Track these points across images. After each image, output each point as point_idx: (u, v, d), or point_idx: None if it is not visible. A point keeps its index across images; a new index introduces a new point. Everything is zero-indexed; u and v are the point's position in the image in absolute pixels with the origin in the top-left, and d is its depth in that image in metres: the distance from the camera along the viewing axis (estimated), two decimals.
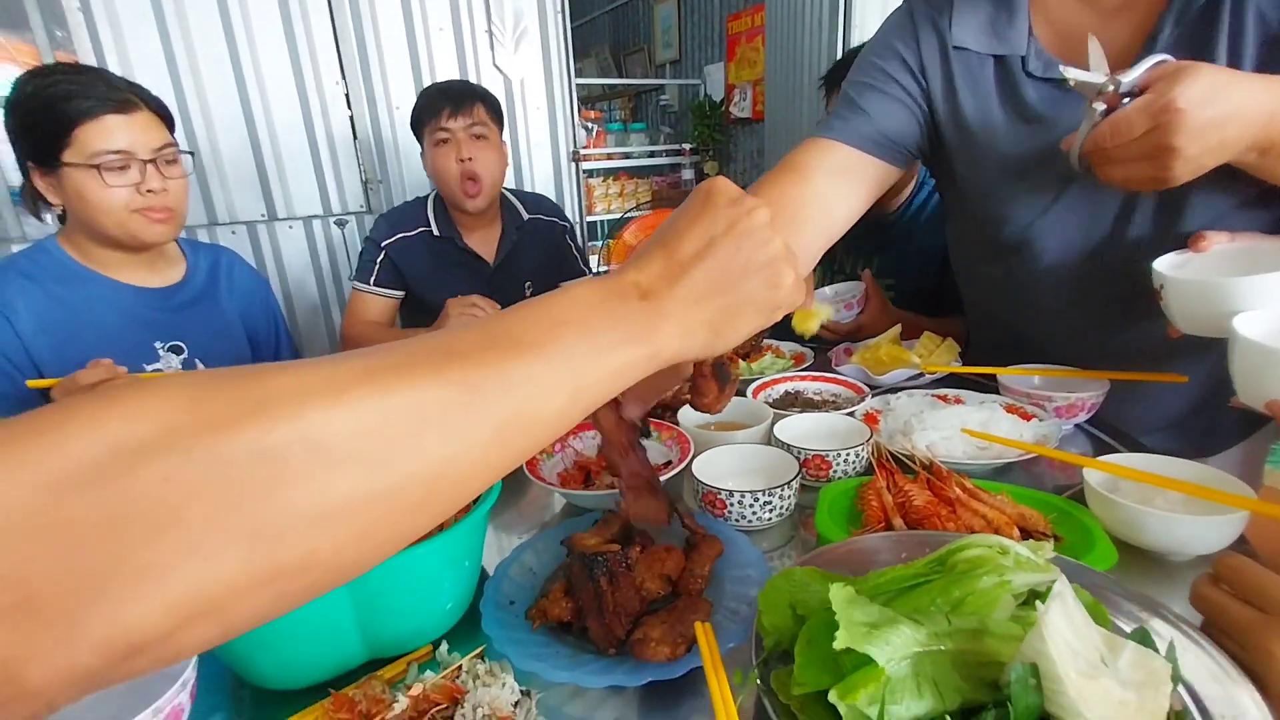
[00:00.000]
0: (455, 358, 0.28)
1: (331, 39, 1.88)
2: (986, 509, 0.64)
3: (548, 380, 0.31)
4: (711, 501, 0.69)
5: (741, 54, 4.12)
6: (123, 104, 1.00)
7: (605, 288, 0.36)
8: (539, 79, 2.18)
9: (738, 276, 0.38)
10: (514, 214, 1.60)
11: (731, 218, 0.39)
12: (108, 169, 0.99)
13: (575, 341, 0.32)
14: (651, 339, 0.35)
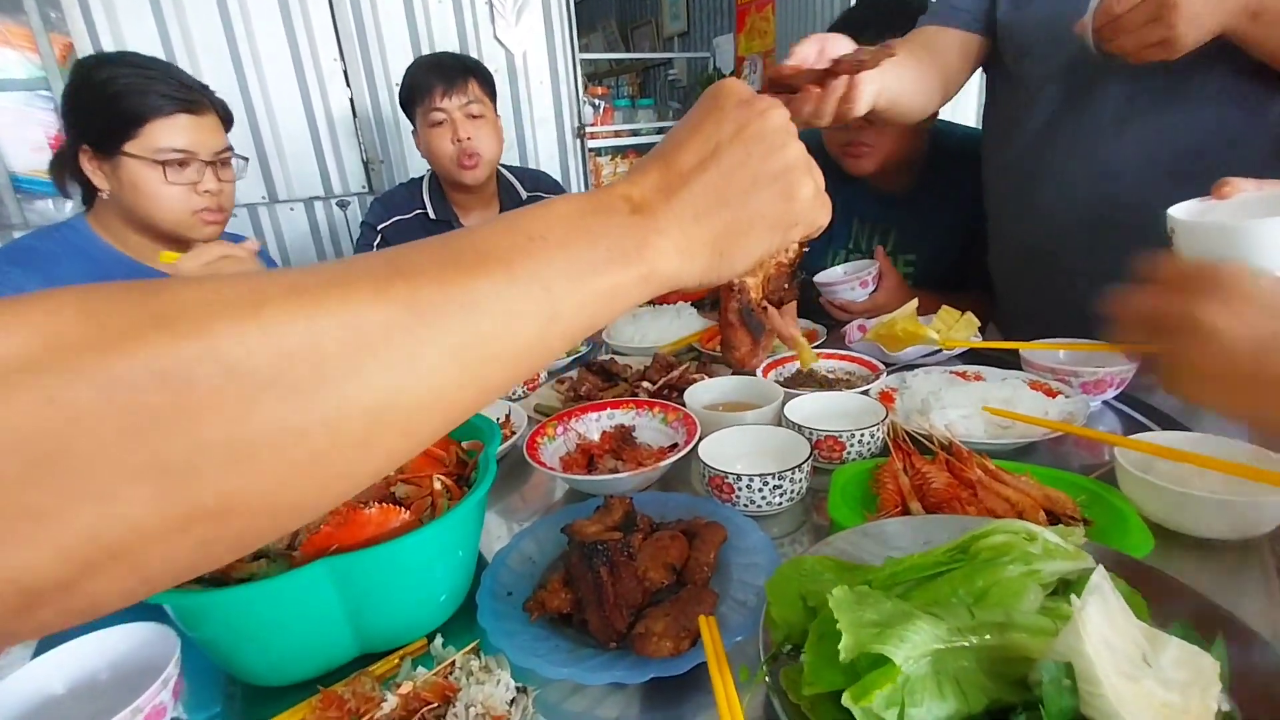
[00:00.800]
0: (404, 275, 0.25)
1: (329, 16, 1.83)
2: (1010, 491, 0.61)
3: (518, 302, 0.27)
4: (719, 486, 0.66)
5: (752, 24, 4.01)
6: (195, 104, 1.03)
7: (591, 201, 0.32)
8: (542, 52, 2.12)
9: (746, 187, 0.34)
10: (512, 192, 1.56)
11: (741, 120, 0.35)
12: (170, 166, 1.01)
13: (552, 259, 0.28)
14: (643, 257, 0.31)
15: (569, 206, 0.31)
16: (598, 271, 0.30)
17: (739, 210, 0.34)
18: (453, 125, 1.36)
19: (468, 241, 0.27)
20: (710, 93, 0.36)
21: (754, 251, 0.35)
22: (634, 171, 0.34)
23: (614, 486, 0.71)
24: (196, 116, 1.02)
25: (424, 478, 0.58)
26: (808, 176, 0.36)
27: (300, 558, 0.47)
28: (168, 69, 1.03)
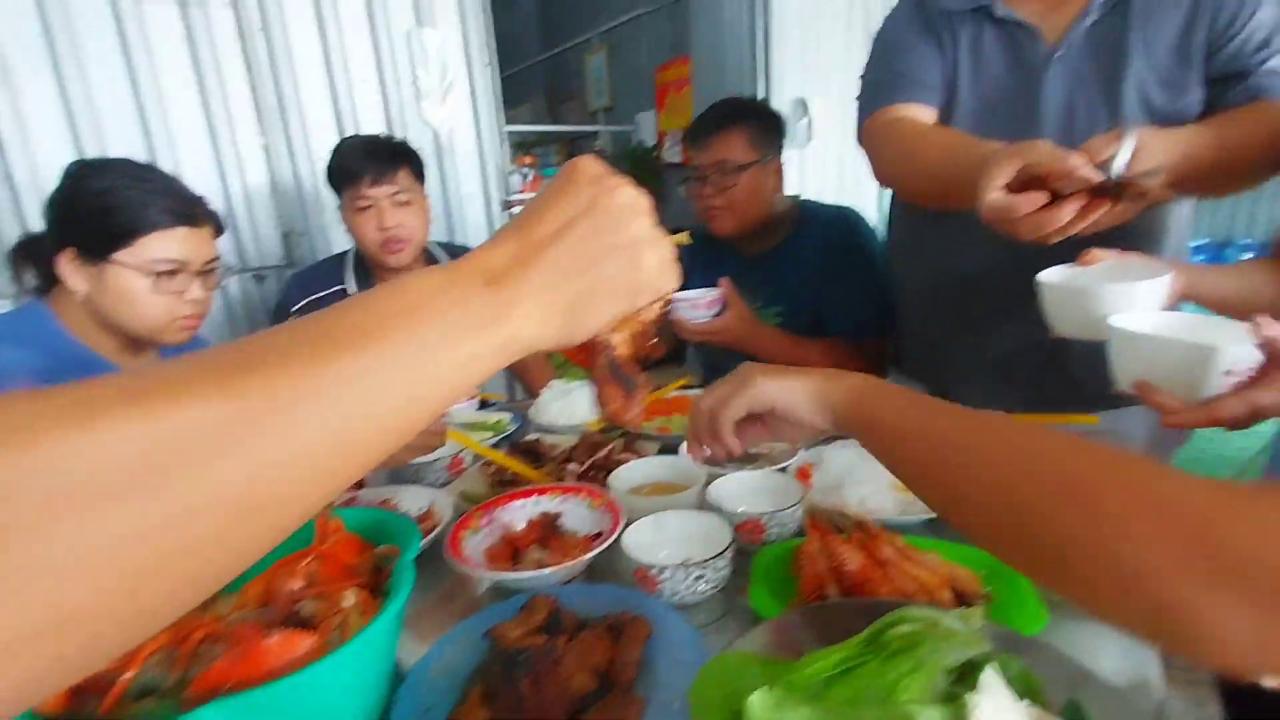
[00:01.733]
0: (256, 367, 0.25)
1: (248, 92, 1.81)
2: (919, 570, 0.63)
3: (376, 380, 0.27)
4: (643, 578, 0.66)
5: (671, 103, 4.25)
6: (193, 217, 1.02)
7: (449, 274, 0.33)
8: (469, 130, 2.17)
9: (596, 257, 0.37)
10: (438, 262, 1.56)
11: (592, 195, 0.37)
12: (162, 276, 0.99)
13: (410, 333, 0.29)
14: (500, 326, 0.33)
15: (428, 281, 0.32)
16: (461, 339, 0.31)
17: (589, 279, 0.36)
18: (379, 212, 1.36)
19: (326, 323, 0.28)
20: (566, 169, 0.39)
21: (603, 315, 0.38)
22: (490, 244, 0.36)
23: (539, 582, 0.70)
24: (195, 229, 1.02)
25: (334, 591, 0.55)
26: (652, 249, 0.39)
27: (191, 697, 0.44)
28: (166, 180, 1.03)
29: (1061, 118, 0.95)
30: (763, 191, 1.41)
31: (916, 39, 1.01)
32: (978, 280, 1.04)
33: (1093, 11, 0.91)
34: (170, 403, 0.22)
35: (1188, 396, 0.61)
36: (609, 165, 0.39)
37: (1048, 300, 0.77)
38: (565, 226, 0.36)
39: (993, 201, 0.68)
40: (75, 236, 0.98)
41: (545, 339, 0.36)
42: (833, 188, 2.99)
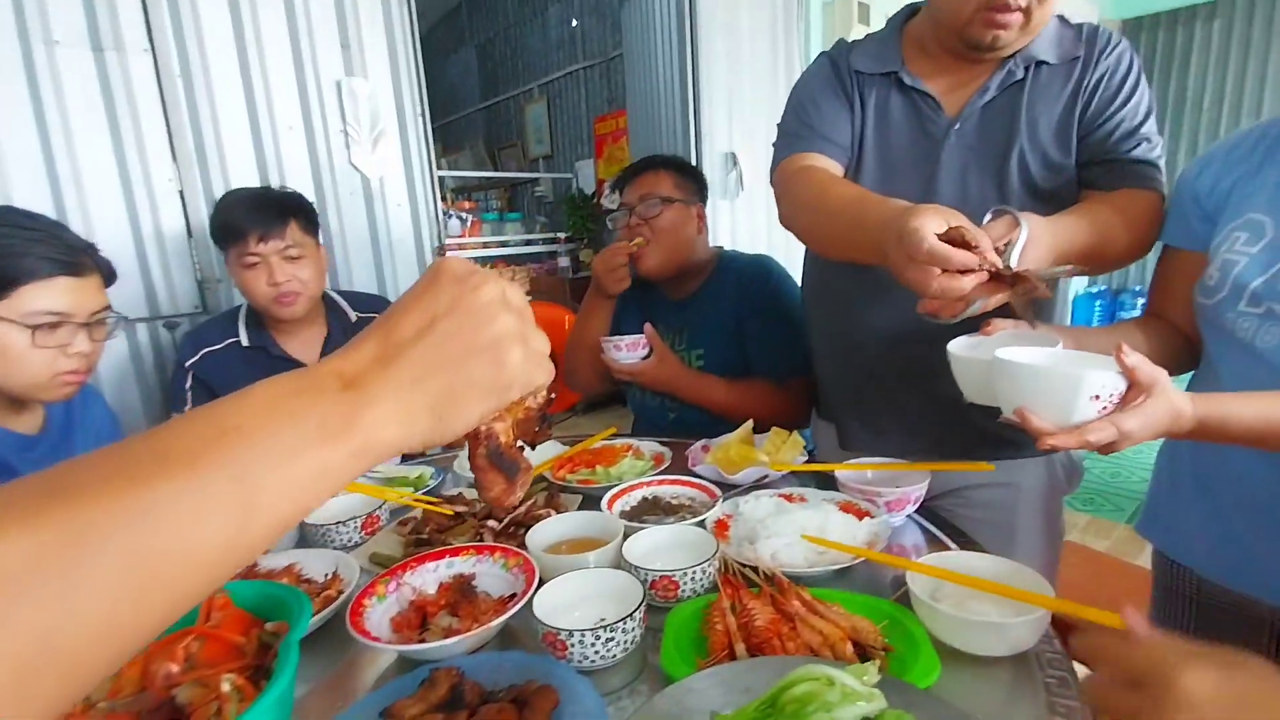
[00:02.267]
0: (61, 496, 0.23)
1: (165, 136, 1.76)
2: (823, 624, 0.65)
3: (202, 502, 0.26)
4: (552, 643, 0.65)
5: (609, 152, 4.36)
6: (78, 266, 0.96)
7: (297, 381, 0.32)
8: (399, 176, 2.16)
9: (459, 355, 0.36)
10: (340, 315, 1.53)
11: (456, 294, 0.37)
12: (41, 329, 0.92)
13: (249, 447, 0.28)
14: (353, 433, 0.32)
15: (272, 390, 0.31)
16: (302, 453, 0.29)
17: (453, 376, 0.36)
18: (269, 268, 1.32)
19: (147, 445, 0.26)
20: (431, 270, 0.39)
21: (471, 413, 0.37)
22: (350, 345, 0.36)
23: (446, 652, 0.68)
24: (78, 279, 0.96)
25: (214, 675, 0.52)
26: (517, 345, 0.38)
27: None
28: (53, 228, 0.97)
29: (957, 187, 1.02)
30: (685, 230, 1.49)
31: (829, 96, 1.07)
32: (881, 332, 1.10)
33: (990, 90, 0.99)
34: None
35: (1061, 421, 0.66)
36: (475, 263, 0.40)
37: (958, 371, 0.81)
38: (427, 326, 0.36)
39: (932, 247, 0.68)
40: None
41: (411, 439, 0.35)
42: (763, 237, 3.11)
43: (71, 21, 1.65)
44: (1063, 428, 0.65)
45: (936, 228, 0.70)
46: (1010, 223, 0.80)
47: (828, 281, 1.19)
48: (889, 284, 1.03)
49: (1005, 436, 1.04)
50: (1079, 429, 0.65)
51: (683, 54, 2.73)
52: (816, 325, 1.27)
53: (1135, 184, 0.95)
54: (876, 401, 1.14)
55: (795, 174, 1.00)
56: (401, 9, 2.07)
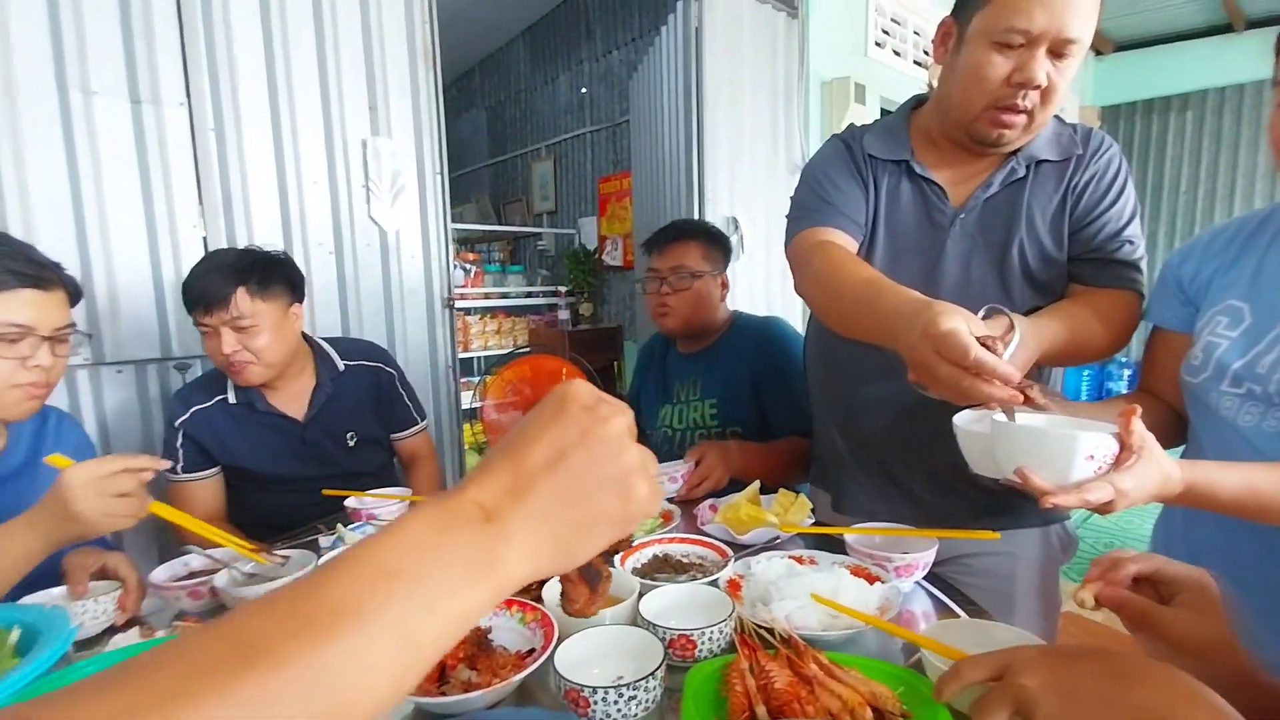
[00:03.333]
0: (249, 657, 0.24)
1: (194, 186, 1.82)
2: (842, 688, 0.66)
3: (372, 654, 0.27)
4: (575, 700, 0.66)
5: (612, 211, 4.50)
6: (43, 281, 0.98)
7: (444, 515, 0.33)
8: (415, 230, 2.23)
9: (590, 489, 0.36)
10: (329, 364, 1.55)
11: (585, 425, 0.37)
12: (2, 341, 0.94)
13: (408, 595, 0.28)
14: (495, 571, 0.32)
15: (422, 524, 0.32)
16: (453, 596, 0.30)
17: (583, 510, 0.36)
18: (218, 337, 1.33)
19: (315, 594, 0.27)
20: (558, 395, 0.39)
21: (596, 546, 0.37)
22: (484, 471, 0.36)
23: (466, 706, 0.68)
24: (42, 292, 0.98)
25: None
26: (644, 478, 0.38)
27: None
28: (19, 245, 0.99)
29: (961, 271, 1.08)
30: (710, 299, 1.62)
31: (846, 175, 1.12)
32: (883, 406, 1.14)
33: (993, 185, 1.06)
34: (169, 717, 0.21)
35: (1059, 480, 0.70)
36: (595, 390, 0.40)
37: (964, 443, 0.84)
38: (558, 457, 0.36)
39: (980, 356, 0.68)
40: None
41: (539, 572, 0.35)
42: (762, 297, 3.19)
43: (111, 73, 1.74)
44: (1061, 487, 0.69)
45: (974, 330, 0.71)
46: (1006, 323, 0.85)
47: (831, 353, 1.23)
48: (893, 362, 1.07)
49: (1001, 507, 1.08)
50: (1078, 488, 0.68)
51: (688, 123, 2.87)
52: (817, 392, 1.31)
53: (1116, 284, 1.02)
54: (875, 471, 1.17)
55: (812, 248, 1.04)
56: (427, 74, 2.18)
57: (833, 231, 1.07)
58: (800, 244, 1.09)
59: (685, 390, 1.67)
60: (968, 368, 0.69)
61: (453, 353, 2.38)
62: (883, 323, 0.83)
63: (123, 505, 0.87)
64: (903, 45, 3.71)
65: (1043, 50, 0.92)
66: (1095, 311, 0.99)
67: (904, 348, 0.77)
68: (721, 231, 1.72)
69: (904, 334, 0.76)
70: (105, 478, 0.85)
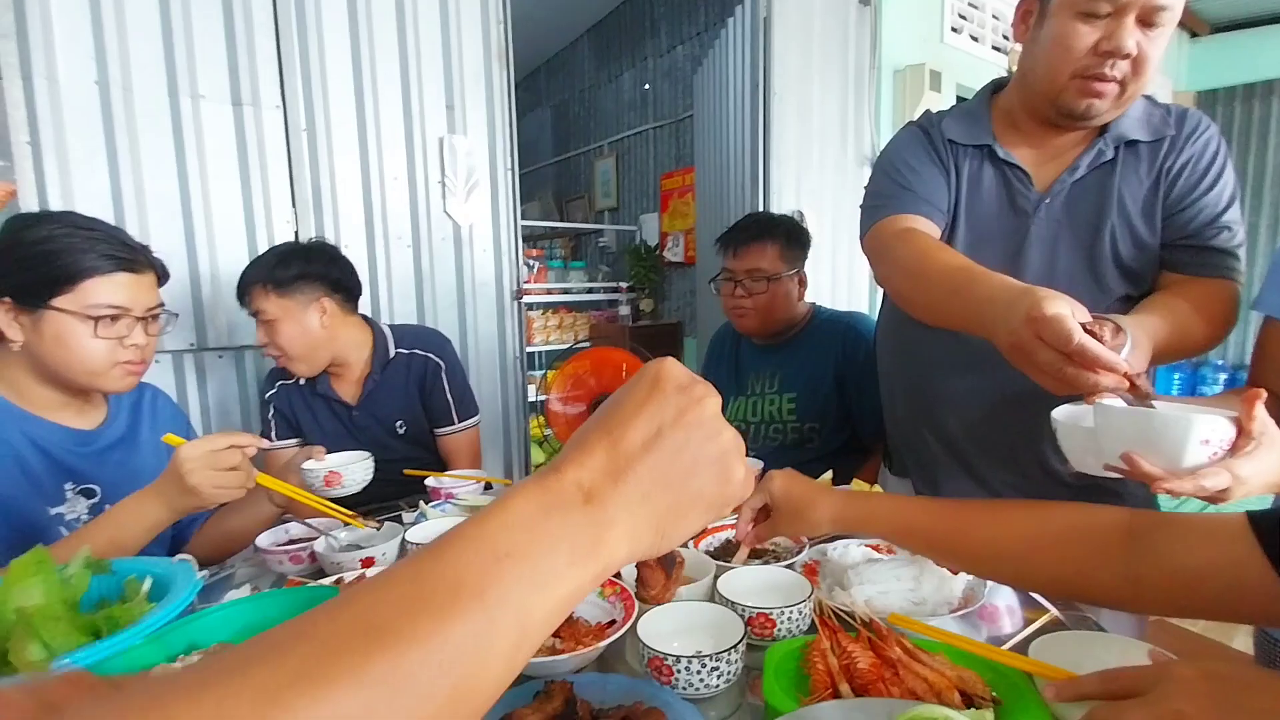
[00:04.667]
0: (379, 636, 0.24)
1: (287, 183, 1.94)
2: (928, 671, 0.65)
3: (493, 634, 0.27)
4: (658, 668, 0.68)
5: (674, 207, 4.51)
6: (135, 264, 1.05)
7: (545, 495, 0.32)
8: (486, 224, 2.30)
9: (687, 471, 0.35)
10: (382, 351, 1.60)
11: (681, 405, 0.36)
12: (102, 321, 1.01)
13: (520, 578, 0.29)
14: (598, 554, 0.32)
15: (527, 506, 0.31)
16: (561, 580, 0.30)
17: (681, 492, 0.35)
18: (258, 328, 1.49)
19: (436, 571, 0.28)
20: (651, 373, 0.38)
21: (692, 529, 0.37)
22: (581, 450, 0.35)
23: (552, 668, 0.71)
24: (136, 275, 1.05)
25: None
26: (740, 460, 0.38)
27: None
28: (111, 230, 1.06)
29: (1046, 260, 1.03)
30: (788, 299, 1.61)
31: (926, 162, 1.09)
32: (964, 401, 1.10)
33: (1080, 169, 1.01)
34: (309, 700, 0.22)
35: (1170, 466, 0.66)
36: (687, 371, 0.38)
37: (1064, 438, 0.80)
38: (655, 437, 0.35)
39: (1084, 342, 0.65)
40: (11, 286, 0.99)
41: (637, 554, 0.35)
42: (827, 293, 3.14)
43: (216, 78, 1.87)
44: (1174, 472, 0.66)
45: (1079, 317, 0.68)
46: (1112, 328, 0.79)
47: (908, 344, 1.20)
48: (975, 356, 1.04)
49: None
50: (1193, 474, 0.65)
51: (754, 115, 2.85)
52: (892, 386, 1.28)
53: (1214, 273, 0.96)
54: (954, 465, 1.14)
55: (895, 236, 1.02)
56: (501, 74, 2.25)
57: (915, 219, 1.04)
58: (880, 233, 1.06)
59: (760, 383, 1.66)
60: (1071, 354, 0.66)
61: (521, 345, 2.45)
62: (976, 310, 0.80)
63: (231, 478, 0.95)
64: (981, 30, 3.56)
65: (1131, 18, 0.88)
66: (1193, 304, 0.93)
67: (1002, 334, 0.74)
68: (800, 226, 1.70)
69: (1002, 320, 0.73)
70: (214, 453, 0.94)
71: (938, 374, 1.14)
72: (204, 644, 0.70)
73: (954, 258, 0.94)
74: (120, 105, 1.76)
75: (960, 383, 1.11)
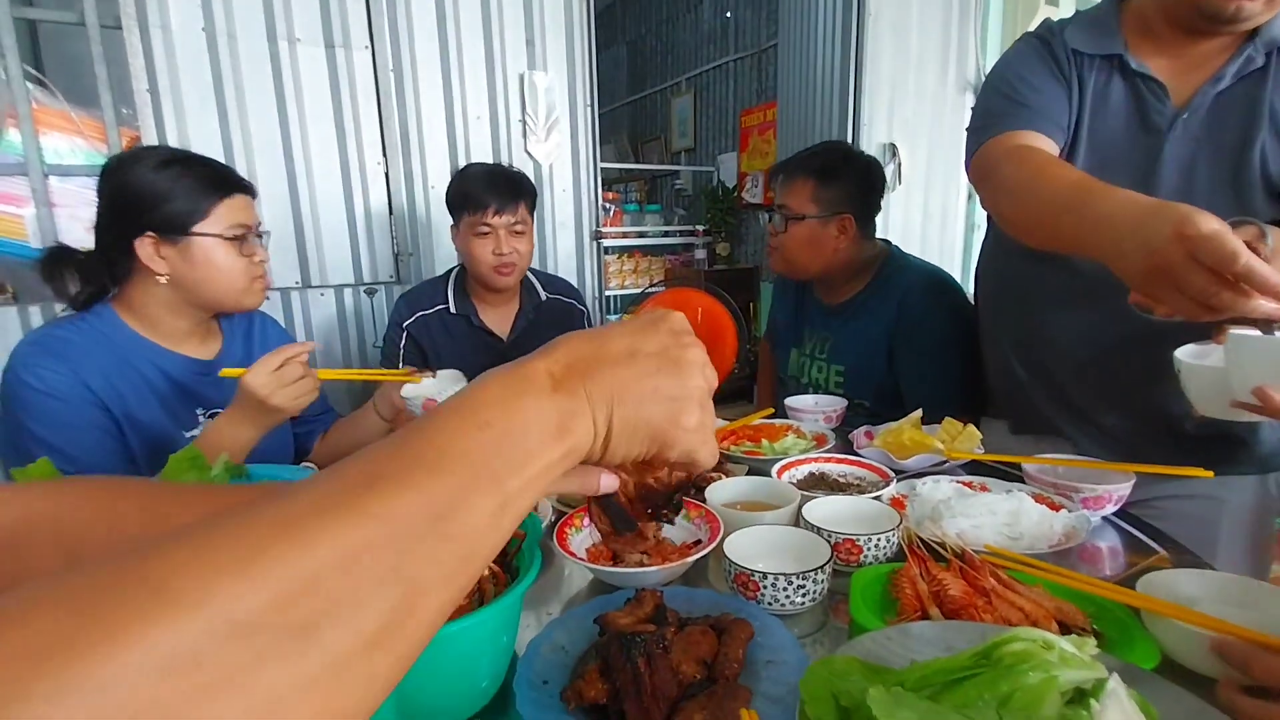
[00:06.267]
0: (376, 486, 0.27)
1: (377, 124, 2.01)
2: (1024, 601, 0.64)
3: (475, 489, 0.29)
4: (744, 583, 0.69)
5: (754, 145, 4.34)
6: (245, 186, 1.13)
7: (519, 380, 0.34)
8: (566, 164, 2.30)
9: (645, 395, 0.38)
10: (533, 293, 1.66)
11: (664, 343, 0.39)
12: (241, 240, 1.10)
13: (498, 447, 0.31)
14: (564, 437, 0.34)
15: (498, 386, 0.34)
16: (535, 454, 0.32)
17: (635, 411, 0.37)
18: (496, 239, 1.47)
19: (427, 437, 0.30)
20: (652, 315, 0.41)
21: (632, 450, 0.39)
22: (560, 347, 0.38)
23: (641, 580, 0.74)
24: (247, 196, 1.13)
25: None
26: (698, 409, 0.40)
27: None
28: (209, 159, 1.13)
29: (1181, 185, 0.93)
30: (819, 245, 1.43)
31: (1044, 74, 0.99)
32: (1077, 340, 1.03)
33: (1225, 78, 0.90)
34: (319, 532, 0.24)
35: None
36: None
37: (1188, 379, 0.75)
38: (629, 356, 0.38)
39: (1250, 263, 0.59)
40: (151, 222, 1.05)
41: (592, 450, 0.37)
42: (917, 235, 2.97)
43: (309, 22, 1.93)
44: None
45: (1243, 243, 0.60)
46: (1255, 232, 0.71)
47: (1012, 280, 1.13)
48: (1091, 288, 0.95)
49: (1214, 450, 0.96)
50: None
51: (845, 43, 2.67)
52: (994, 329, 1.21)
53: None
54: (1062, 411, 1.08)
55: (1008, 153, 0.93)
56: (581, 7, 2.20)
57: (1030, 135, 0.95)
58: (988, 153, 0.97)
59: (814, 344, 1.54)
60: (1236, 276, 0.59)
61: (599, 285, 2.48)
62: (1095, 230, 0.73)
63: (300, 386, 1.04)
64: None
65: None
66: None
67: (1136, 255, 0.66)
68: (846, 163, 1.46)
69: (1131, 238, 0.66)
70: (277, 372, 1.01)
71: (1045, 310, 1.07)
72: None
73: (1070, 172, 0.86)
74: (225, 52, 1.85)
75: (1070, 319, 1.04)
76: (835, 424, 1.30)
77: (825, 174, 1.42)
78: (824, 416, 1.30)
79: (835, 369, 1.48)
